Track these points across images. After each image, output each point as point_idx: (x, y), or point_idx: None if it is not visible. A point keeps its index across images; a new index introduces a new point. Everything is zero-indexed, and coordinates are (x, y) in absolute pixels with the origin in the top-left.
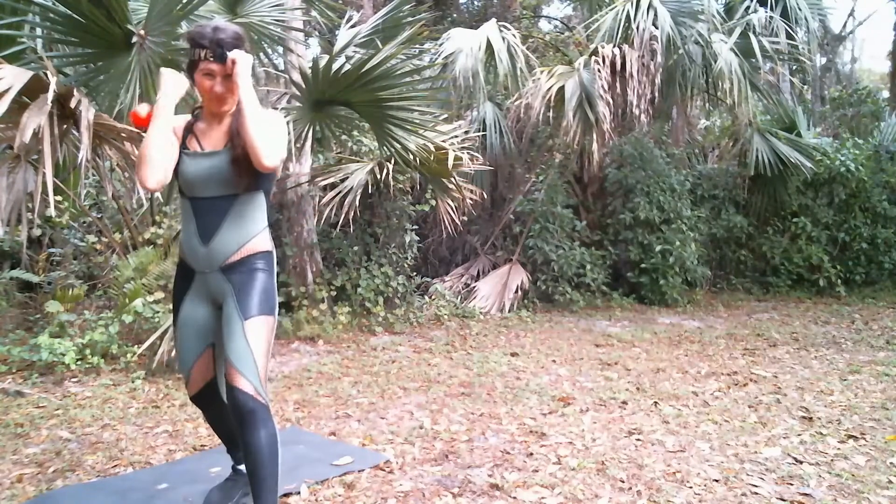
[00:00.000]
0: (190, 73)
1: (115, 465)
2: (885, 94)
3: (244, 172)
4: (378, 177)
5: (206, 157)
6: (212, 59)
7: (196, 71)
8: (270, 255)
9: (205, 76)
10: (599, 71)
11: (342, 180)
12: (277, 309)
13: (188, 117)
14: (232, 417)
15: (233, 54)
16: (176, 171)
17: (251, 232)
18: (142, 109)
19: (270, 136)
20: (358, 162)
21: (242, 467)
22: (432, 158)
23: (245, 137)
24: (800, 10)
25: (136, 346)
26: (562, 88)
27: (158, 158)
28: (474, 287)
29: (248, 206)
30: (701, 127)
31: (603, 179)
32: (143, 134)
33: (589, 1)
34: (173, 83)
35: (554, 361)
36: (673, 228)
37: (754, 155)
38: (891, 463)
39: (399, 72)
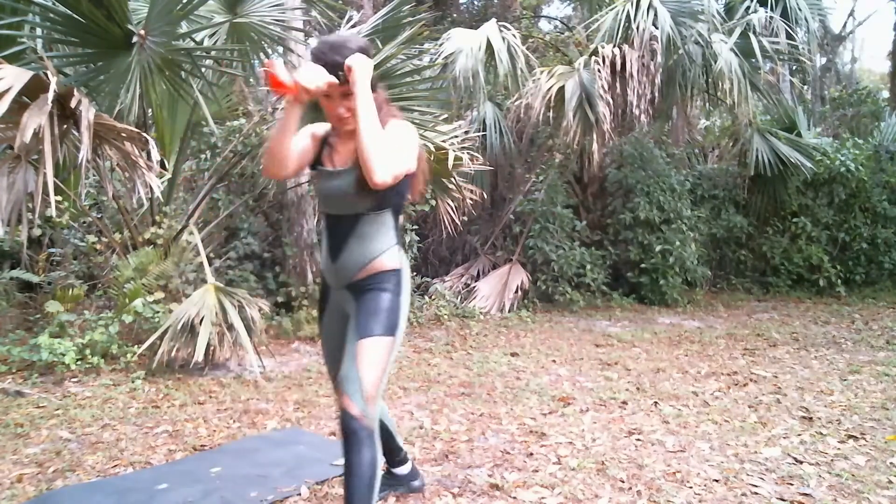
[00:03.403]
0: None
1: (115, 465)
2: (885, 94)
3: (367, 192)
4: None
5: (335, 175)
6: None
7: None
8: (397, 273)
9: (324, 97)
10: (599, 71)
11: None
12: (400, 329)
13: (329, 126)
14: (340, 437)
15: (350, 60)
16: (316, 186)
17: (375, 251)
18: (280, 72)
19: (384, 151)
20: None
21: (399, 469)
22: (432, 158)
23: (358, 153)
24: (800, 10)
25: (136, 346)
26: (562, 88)
27: (281, 154)
28: (474, 287)
29: (373, 226)
30: (701, 127)
31: (603, 179)
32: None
33: (589, 1)
34: (310, 79)
35: (554, 361)
36: (673, 228)
37: (754, 155)
38: (891, 463)
39: (399, 72)
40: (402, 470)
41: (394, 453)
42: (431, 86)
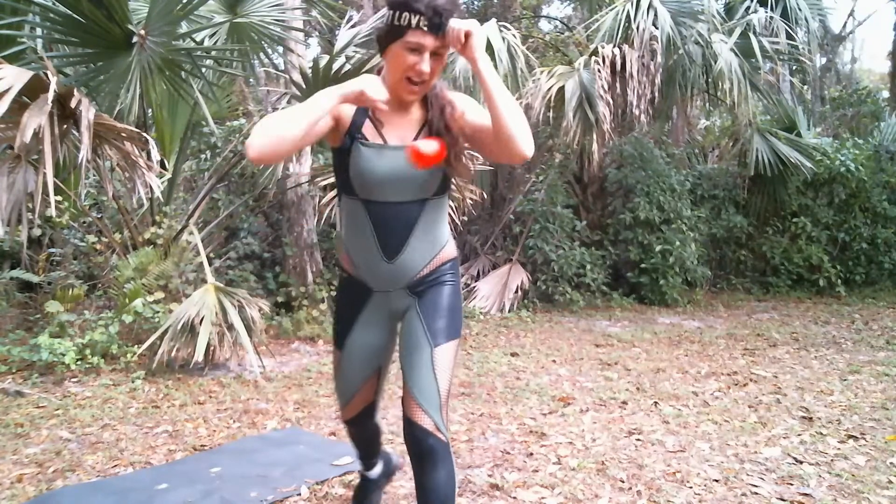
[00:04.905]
0: (384, 44)
1: (115, 465)
2: (885, 94)
3: (439, 173)
4: None
5: (393, 152)
6: (426, 27)
7: (397, 41)
8: (455, 262)
9: (410, 51)
10: (599, 71)
11: None
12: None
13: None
14: (409, 453)
15: (466, 25)
16: (345, 166)
17: (442, 240)
18: (427, 146)
19: (524, 121)
20: None
21: (371, 473)
22: None
23: (499, 127)
24: (800, 10)
25: (136, 346)
26: (562, 88)
27: (291, 140)
28: (474, 287)
29: (439, 211)
30: (701, 127)
31: (603, 179)
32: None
33: (589, 1)
34: (363, 86)
35: (554, 361)
36: (673, 228)
37: (754, 155)
38: (891, 463)
39: None
40: (375, 471)
41: (372, 457)
42: None
